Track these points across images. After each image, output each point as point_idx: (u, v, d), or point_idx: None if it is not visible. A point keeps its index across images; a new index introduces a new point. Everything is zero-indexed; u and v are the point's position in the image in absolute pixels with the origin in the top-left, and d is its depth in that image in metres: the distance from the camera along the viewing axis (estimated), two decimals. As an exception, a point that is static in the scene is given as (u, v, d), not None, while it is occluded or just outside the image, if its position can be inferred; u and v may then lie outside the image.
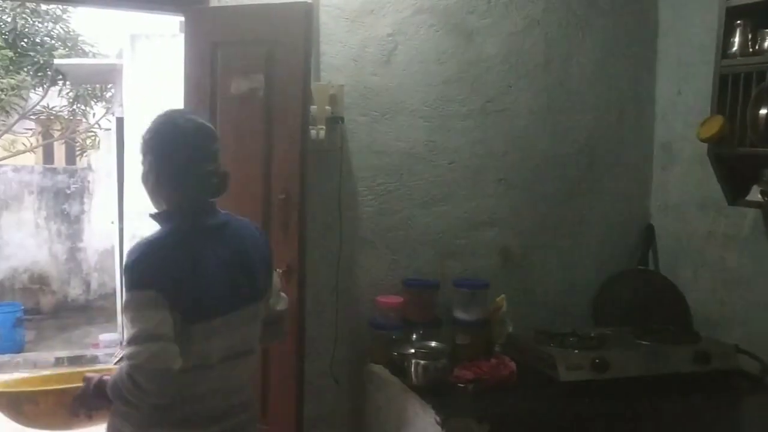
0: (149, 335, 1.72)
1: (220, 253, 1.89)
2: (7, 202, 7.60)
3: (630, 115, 3.71)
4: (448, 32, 3.39)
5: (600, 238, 3.70)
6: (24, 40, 9.18)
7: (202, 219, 1.91)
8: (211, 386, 1.89)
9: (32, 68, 9.15)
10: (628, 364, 2.82)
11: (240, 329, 1.93)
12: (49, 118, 10.42)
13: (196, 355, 1.82)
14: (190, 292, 1.80)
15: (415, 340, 3.11)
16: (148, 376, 1.71)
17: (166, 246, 1.84)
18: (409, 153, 3.37)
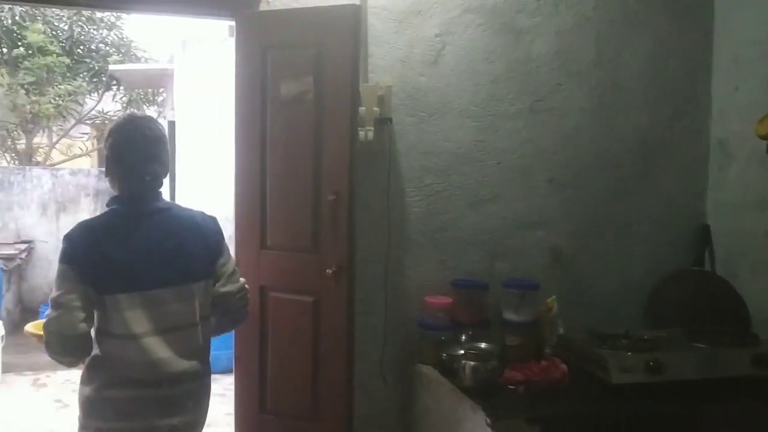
0: (57, 303, 1.99)
1: (152, 236, 2.10)
2: (65, 204, 7.82)
3: (684, 112, 3.62)
4: (497, 31, 3.37)
5: (653, 238, 3.63)
6: (80, 47, 9.47)
7: (140, 205, 2.13)
8: (138, 355, 2.04)
9: (88, 74, 9.44)
10: (684, 367, 2.76)
11: (170, 305, 2.10)
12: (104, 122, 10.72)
13: (117, 324, 2.03)
14: (105, 269, 2.01)
15: (465, 341, 3.10)
16: (54, 337, 1.99)
17: (94, 227, 2.10)
18: (457, 153, 3.36)
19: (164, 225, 2.15)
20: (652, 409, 2.65)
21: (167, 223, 2.16)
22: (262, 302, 3.06)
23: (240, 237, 3.12)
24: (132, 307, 2.04)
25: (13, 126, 9.49)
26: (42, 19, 8.92)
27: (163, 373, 2.08)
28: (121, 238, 2.07)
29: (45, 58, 8.69)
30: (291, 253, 3.02)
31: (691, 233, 3.66)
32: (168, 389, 2.10)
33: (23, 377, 5.32)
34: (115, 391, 2.06)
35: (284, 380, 3.07)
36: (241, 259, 3.12)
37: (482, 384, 2.74)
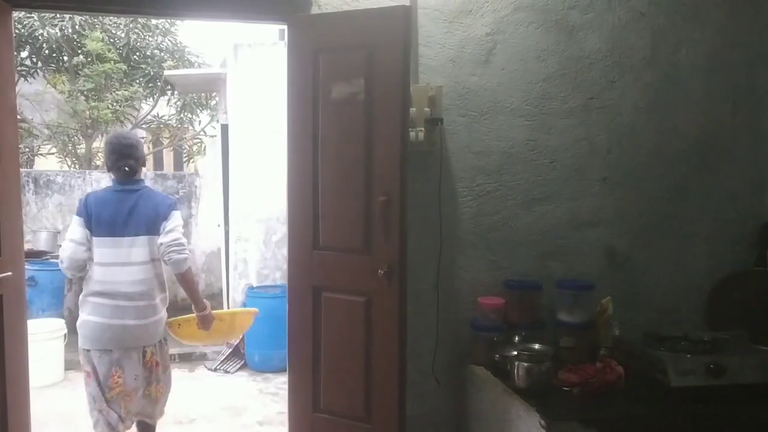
0: (71, 239, 3.16)
1: (122, 204, 3.20)
2: (123, 206, 8.06)
3: (744, 108, 3.52)
4: (549, 29, 3.33)
5: (712, 238, 3.54)
6: (136, 53, 9.70)
7: (120, 186, 3.25)
8: (107, 276, 3.16)
9: (144, 80, 9.66)
10: (746, 370, 2.68)
11: (128, 248, 3.18)
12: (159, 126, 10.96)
13: (97, 255, 3.17)
14: (96, 222, 3.16)
15: (518, 342, 3.08)
16: (67, 260, 3.17)
17: (95, 196, 3.26)
18: (508, 153, 3.34)
19: (132, 198, 3.22)
20: (712, 413, 2.58)
21: (135, 197, 3.23)
22: (314, 302, 3.09)
23: (292, 238, 3.16)
24: (105, 246, 3.17)
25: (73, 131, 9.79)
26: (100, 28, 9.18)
27: (119, 290, 3.15)
28: (106, 204, 3.20)
29: (103, 65, 8.93)
30: (343, 253, 3.04)
31: (752, 232, 3.55)
32: (121, 300, 3.14)
33: (85, 374, 5.49)
34: (91, 297, 3.18)
35: (337, 380, 3.09)
36: (294, 260, 3.16)
37: (536, 385, 2.71)
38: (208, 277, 8.11)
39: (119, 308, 3.13)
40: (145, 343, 3.22)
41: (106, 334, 3.14)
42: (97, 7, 3.18)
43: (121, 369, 3.18)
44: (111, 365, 3.17)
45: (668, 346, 2.83)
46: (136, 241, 3.17)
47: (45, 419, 4.37)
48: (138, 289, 3.16)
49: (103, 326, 3.13)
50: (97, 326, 3.14)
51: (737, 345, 2.87)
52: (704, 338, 2.90)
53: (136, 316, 3.16)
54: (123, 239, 3.15)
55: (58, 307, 6.30)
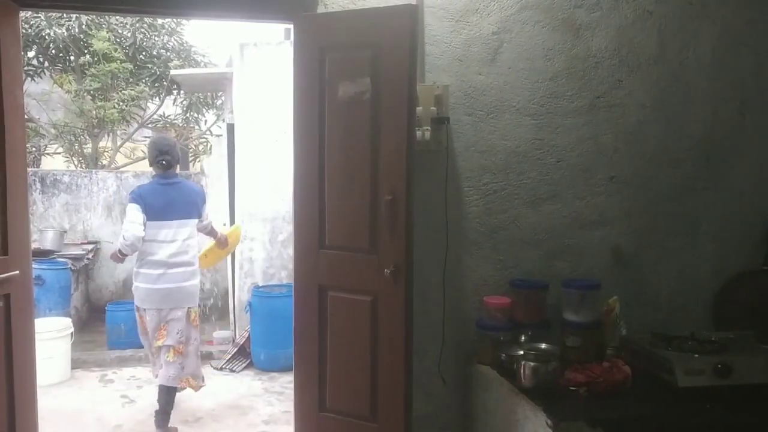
0: (131, 221, 3.99)
1: (169, 194, 4.11)
2: (129, 206, 8.07)
3: (752, 106, 3.51)
4: (555, 28, 3.32)
5: (720, 237, 3.52)
6: (142, 53, 9.72)
7: (161, 179, 4.16)
8: (157, 251, 4.05)
9: (150, 79, 9.67)
10: (754, 370, 2.67)
11: (174, 228, 4.09)
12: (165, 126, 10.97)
13: (149, 235, 4.02)
14: (148, 208, 4.01)
15: (524, 341, 3.07)
16: (130, 237, 3.97)
17: (146, 188, 4.15)
18: (515, 152, 3.33)
19: (174, 190, 4.15)
20: (720, 413, 2.57)
21: (175, 189, 4.16)
22: (320, 301, 3.09)
23: (298, 237, 3.16)
24: (157, 227, 4.04)
25: (80, 131, 9.81)
26: (107, 27, 9.20)
27: (167, 261, 4.04)
28: (155, 195, 4.08)
29: (110, 65, 8.94)
30: (349, 252, 3.04)
31: (759, 231, 3.54)
32: (168, 269, 4.05)
33: (91, 373, 5.50)
34: (143, 269, 4.07)
35: (343, 379, 3.09)
36: (300, 259, 3.16)
37: (542, 385, 2.71)
38: (214, 276, 8.12)
39: (166, 275, 4.04)
40: (189, 304, 4.15)
41: (156, 296, 4.05)
42: (104, 7, 3.19)
43: (167, 324, 4.08)
44: (159, 321, 4.09)
45: (675, 346, 2.82)
46: (180, 224, 4.11)
47: (52, 418, 4.39)
48: (181, 259, 4.10)
49: (153, 290, 4.04)
50: (149, 291, 4.05)
51: (745, 345, 2.86)
52: (711, 338, 2.90)
53: (181, 280, 4.09)
54: (171, 222, 4.07)
55: (65, 306, 6.32)
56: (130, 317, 6.19)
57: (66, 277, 6.40)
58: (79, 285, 7.08)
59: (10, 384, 3.02)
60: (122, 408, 4.70)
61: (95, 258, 7.72)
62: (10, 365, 3.01)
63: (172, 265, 4.04)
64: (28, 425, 3.15)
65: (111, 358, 5.77)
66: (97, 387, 5.20)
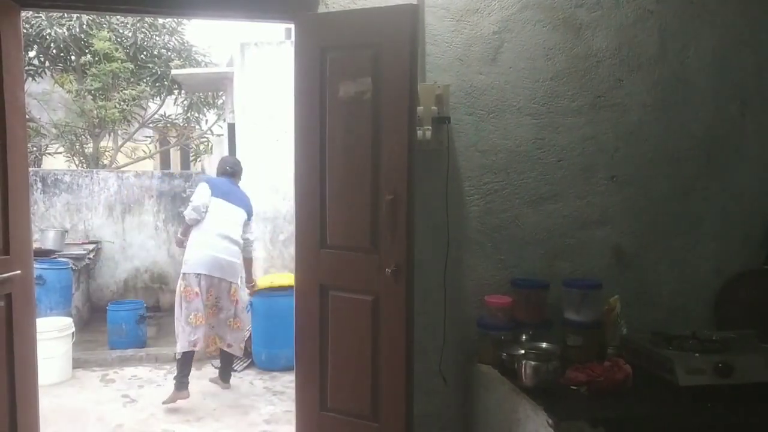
0: (201, 194, 4.80)
1: (230, 186, 4.97)
2: (130, 206, 8.04)
3: (753, 106, 3.51)
4: (556, 27, 3.32)
5: (721, 236, 3.52)
6: (143, 53, 9.73)
7: (227, 178, 5.04)
8: (215, 221, 4.76)
9: (151, 79, 9.68)
10: (755, 370, 2.67)
11: (233, 208, 4.84)
12: (166, 125, 10.98)
13: (213, 208, 4.78)
14: (215, 187, 4.86)
15: (525, 340, 3.07)
16: (199, 207, 4.75)
17: (213, 179, 5.06)
18: (516, 151, 3.33)
19: (234, 185, 5.02)
20: (721, 412, 2.57)
21: (236, 186, 5.02)
22: (321, 301, 3.09)
23: (300, 236, 3.16)
24: (219, 204, 4.79)
25: (81, 130, 9.82)
26: (108, 27, 9.21)
27: (222, 233, 4.74)
28: (221, 183, 4.95)
29: (110, 65, 8.96)
30: (350, 252, 3.04)
31: (761, 230, 3.54)
32: (222, 241, 4.72)
33: (92, 373, 5.50)
34: (201, 236, 4.73)
35: (344, 378, 3.10)
36: (301, 259, 3.16)
37: (543, 384, 2.71)
38: (215, 275, 8.13)
39: (219, 246, 4.69)
40: (231, 278, 4.75)
41: (214, 264, 4.67)
42: (105, 7, 3.19)
43: (214, 289, 4.70)
44: (209, 287, 4.68)
45: (676, 345, 2.82)
46: (236, 208, 4.84)
47: (53, 417, 4.39)
48: (232, 235, 4.78)
49: (207, 256, 4.65)
50: (203, 256, 4.65)
51: (746, 344, 2.86)
52: (712, 337, 2.89)
53: (228, 254, 4.74)
54: (230, 204, 4.82)
55: (66, 306, 6.33)
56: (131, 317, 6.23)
57: (67, 276, 6.40)
58: (80, 285, 7.08)
59: (12, 383, 3.02)
60: (123, 408, 4.70)
61: (96, 258, 7.72)
62: (11, 365, 3.01)
63: (226, 239, 4.72)
64: (29, 425, 3.16)
65: (112, 358, 5.77)
66: (98, 387, 5.21)
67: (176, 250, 8.48)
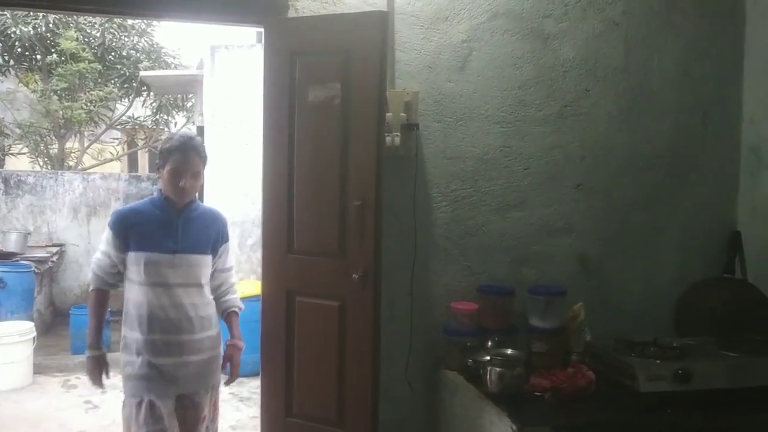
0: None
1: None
2: (96, 208, 7.92)
3: (715, 118, 3.58)
4: (524, 37, 3.36)
5: (682, 245, 3.59)
6: (111, 53, 9.61)
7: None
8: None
9: (119, 80, 9.57)
10: (713, 376, 2.72)
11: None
12: (134, 127, 10.86)
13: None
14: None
15: (491, 347, 3.08)
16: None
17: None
18: (483, 159, 3.36)
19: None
20: (680, 418, 2.61)
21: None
22: (288, 306, 3.08)
23: (267, 242, 3.14)
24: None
25: (46, 131, 9.66)
26: (75, 27, 9.08)
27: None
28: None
29: (77, 65, 8.83)
30: (317, 257, 3.04)
31: (721, 240, 3.61)
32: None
33: (54, 378, 5.40)
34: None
35: (310, 384, 3.08)
36: (268, 264, 3.14)
37: (508, 390, 2.73)
38: (181, 280, 8.05)
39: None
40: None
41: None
42: (71, 6, 3.15)
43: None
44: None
45: (638, 352, 2.86)
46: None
47: (13, 424, 4.31)
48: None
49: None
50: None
51: (705, 351, 2.91)
52: (673, 344, 2.94)
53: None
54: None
55: (28, 310, 6.20)
56: (95, 321, 6.17)
57: (29, 279, 6.28)
58: (42, 288, 6.95)
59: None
60: (86, 414, 4.63)
61: (60, 261, 7.59)
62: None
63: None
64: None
65: (75, 363, 5.67)
66: (59, 392, 5.12)
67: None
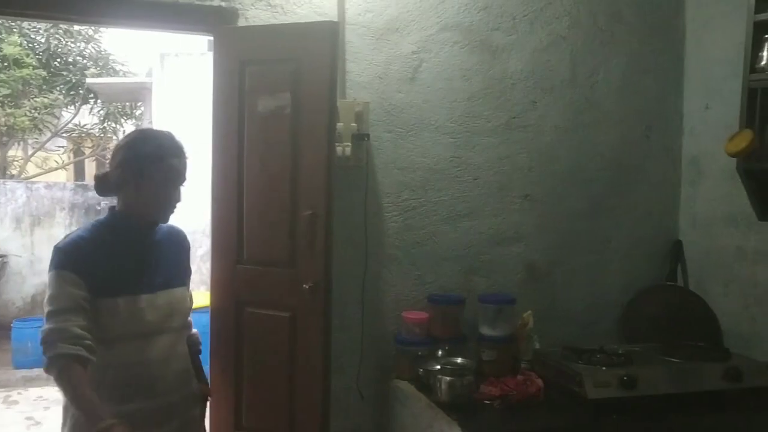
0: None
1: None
2: (40, 218, 7.71)
3: (657, 130, 3.69)
4: (473, 49, 3.41)
5: (626, 254, 3.68)
6: (57, 60, 9.40)
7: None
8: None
9: (65, 87, 9.36)
10: (657, 382, 2.78)
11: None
12: (81, 135, 10.63)
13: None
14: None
15: (441, 356, 3.10)
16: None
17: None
18: (433, 169, 3.39)
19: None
20: (626, 423, 2.66)
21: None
22: (237, 317, 3.04)
23: (216, 252, 3.11)
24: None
25: (-13, 139, 9.39)
26: (18, 32, 8.85)
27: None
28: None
29: (21, 71, 8.62)
30: (268, 268, 3.01)
31: (664, 249, 3.71)
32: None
33: (-6, 394, 5.24)
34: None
35: (260, 396, 3.05)
36: (217, 274, 3.10)
37: (458, 399, 2.74)
38: (129, 291, 7.89)
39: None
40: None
41: None
42: (11, 11, 3.06)
43: None
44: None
45: (585, 359, 2.91)
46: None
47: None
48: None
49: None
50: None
51: (649, 357, 2.98)
52: (619, 351, 3.00)
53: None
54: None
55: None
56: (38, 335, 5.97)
57: (-32, 292, 6.08)
58: (-19, 301, 6.73)
59: None
60: (27, 430, 4.48)
61: (2, 272, 7.36)
62: None
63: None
64: None
65: (16, 378, 5.51)
66: (0, 409, 4.94)
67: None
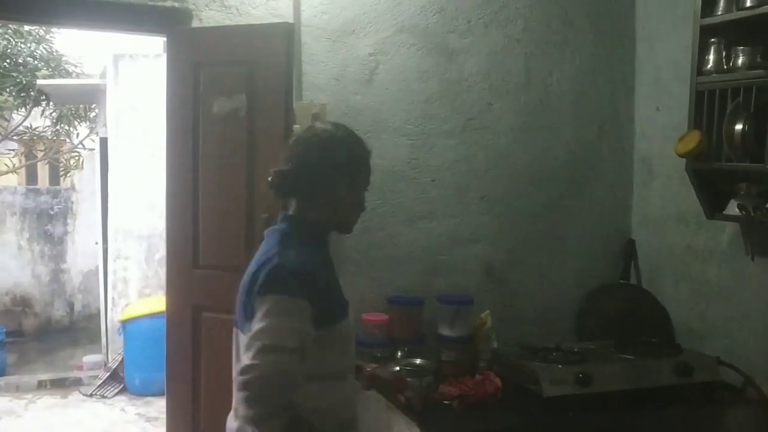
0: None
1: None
2: (-11, 223, 7.53)
3: (610, 131, 3.76)
4: (429, 51, 3.43)
5: (581, 253, 3.74)
6: (6, 60, 9.13)
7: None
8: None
9: (15, 89, 9.09)
10: (611, 378, 2.83)
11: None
12: (32, 138, 10.35)
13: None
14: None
15: (400, 357, 3.10)
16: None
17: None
18: (391, 171, 3.39)
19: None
20: (581, 420, 2.70)
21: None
22: (194, 322, 3.02)
23: (171, 256, 3.07)
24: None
25: (-67, 142, 9.10)
26: (-35, 32, 8.61)
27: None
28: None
29: (-32, 72, 8.38)
30: (224, 272, 2.97)
31: (618, 247, 3.78)
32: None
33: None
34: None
35: (219, 402, 3.00)
36: (173, 278, 3.06)
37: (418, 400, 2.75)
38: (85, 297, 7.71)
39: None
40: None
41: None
42: (-43, 12, 2.98)
43: None
44: None
45: (541, 358, 2.95)
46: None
47: None
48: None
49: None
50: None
51: (604, 354, 3.03)
52: (574, 349, 3.05)
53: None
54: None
55: None
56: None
57: None
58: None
59: None
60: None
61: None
62: None
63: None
64: None
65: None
66: None
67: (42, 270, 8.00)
